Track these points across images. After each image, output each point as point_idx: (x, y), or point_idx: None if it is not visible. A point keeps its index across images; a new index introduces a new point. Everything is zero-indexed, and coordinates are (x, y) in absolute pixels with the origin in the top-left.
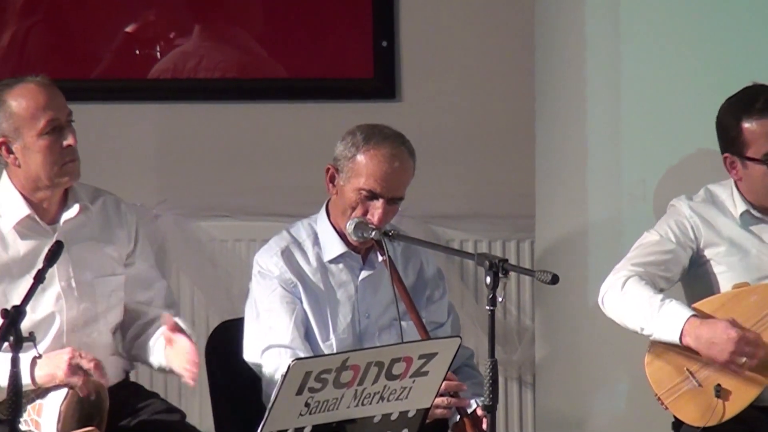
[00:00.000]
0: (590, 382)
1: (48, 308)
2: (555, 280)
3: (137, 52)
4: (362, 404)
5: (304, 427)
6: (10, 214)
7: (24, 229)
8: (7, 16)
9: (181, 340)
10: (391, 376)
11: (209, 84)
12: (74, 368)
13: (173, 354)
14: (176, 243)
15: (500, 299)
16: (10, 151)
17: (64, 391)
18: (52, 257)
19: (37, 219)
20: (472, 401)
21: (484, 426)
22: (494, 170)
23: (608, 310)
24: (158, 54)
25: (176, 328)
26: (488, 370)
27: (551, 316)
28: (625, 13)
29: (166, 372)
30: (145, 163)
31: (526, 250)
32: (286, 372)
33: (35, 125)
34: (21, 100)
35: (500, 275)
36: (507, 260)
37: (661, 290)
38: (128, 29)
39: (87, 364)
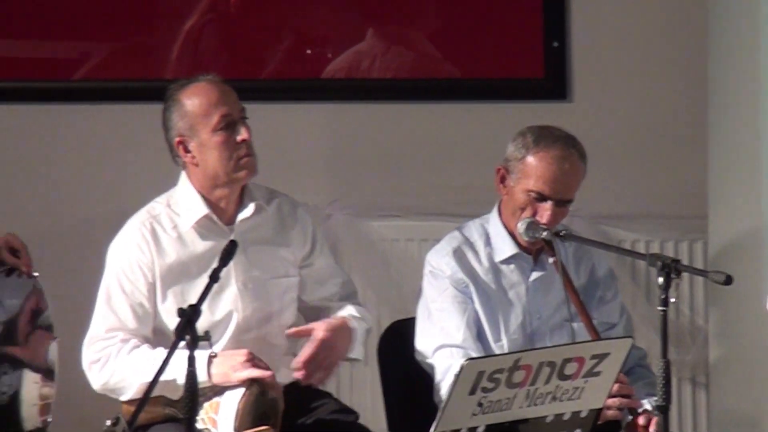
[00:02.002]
0: (766, 384)
1: (225, 308)
2: (729, 280)
3: (309, 51)
4: (535, 404)
5: (476, 427)
6: (189, 214)
7: (202, 228)
8: (183, 15)
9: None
10: (563, 377)
11: (381, 84)
12: (248, 368)
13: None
14: (348, 243)
15: (672, 300)
16: (187, 150)
17: (242, 389)
18: (226, 257)
19: (215, 219)
20: (645, 402)
21: (656, 427)
22: (666, 170)
23: None
24: (329, 54)
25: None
26: (661, 371)
27: (725, 316)
28: None
29: None
30: (317, 163)
31: (699, 250)
32: (459, 372)
33: (209, 122)
34: (194, 98)
35: (672, 276)
36: (679, 260)
37: None
38: (298, 30)
39: (258, 373)
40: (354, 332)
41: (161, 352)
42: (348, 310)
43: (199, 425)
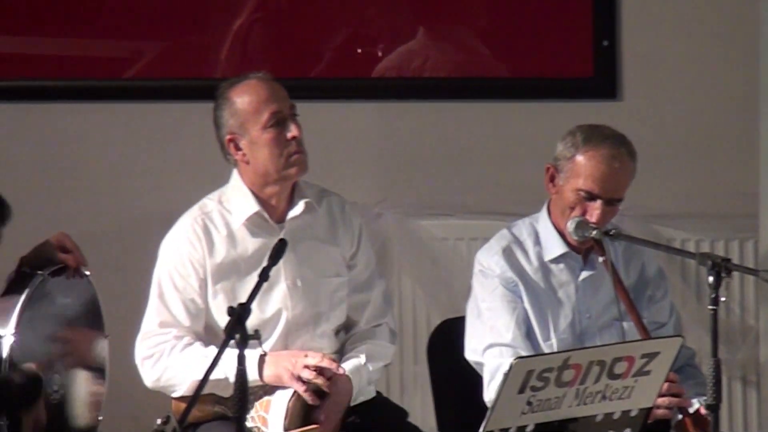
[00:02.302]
0: None
1: (275, 307)
2: None
3: (359, 50)
4: (584, 403)
5: (525, 426)
6: (240, 212)
7: (253, 226)
8: (233, 14)
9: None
10: (612, 376)
11: (432, 82)
12: (300, 375)
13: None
14: (397, 242)
15: (723, 299)
16: (238, 148)
17: (292, 389)
18: (276, 255)
19: (266, 216)
20: (695, 401)
21: (707, 426)
22: (716, 169)
23: None
24: (380, 52)
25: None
26: (711, 370)
27: None
28: None
29: None
30: (367, 161)
31: (749, 250)
32: (509, 370)
33: (259, 119)
34: (244, 96)
35: (723, 275)
36: (730, 260)
37: None
38: (348, 28)
39: (309, 375)
40: (352, 384)
41: (213, 351)
42: (359, 359)
43: (249, 423)
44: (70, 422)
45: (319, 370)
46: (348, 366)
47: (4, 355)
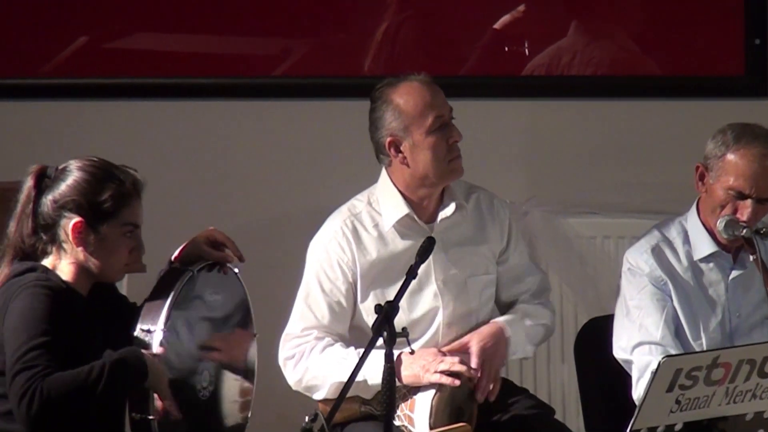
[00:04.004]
0: None
1: (425, 307)
2: None
3: (506, 49)
4: (734, 402)
5: (674, 424)
6: (390, 213)
7: (403, 228)
8: (382, 12)
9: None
10: (763, 374)
11: (581, 81)
12: (437, 368)
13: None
14: (545, 240)
15: None
16: (398, 151)
17: (434, 388)
18: (423, 253)
19: (416, 218)
20: None
21: None
22: None
23: None
24: (527, 51)
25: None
26: None
27: None
28: None
29: None
30: (515, 159)
31: None
32: (657, 368)
33: (423, 123)
34: (408, 98)
35: None
36: None
37: None
38: (496, 26)
39: (448, 380)
40: (506, 334)
41: (353, 353)
42: (513, 315)
43: (396, 422)
44: (221, 420)
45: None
46: (501, 318)
47: (155, 350)
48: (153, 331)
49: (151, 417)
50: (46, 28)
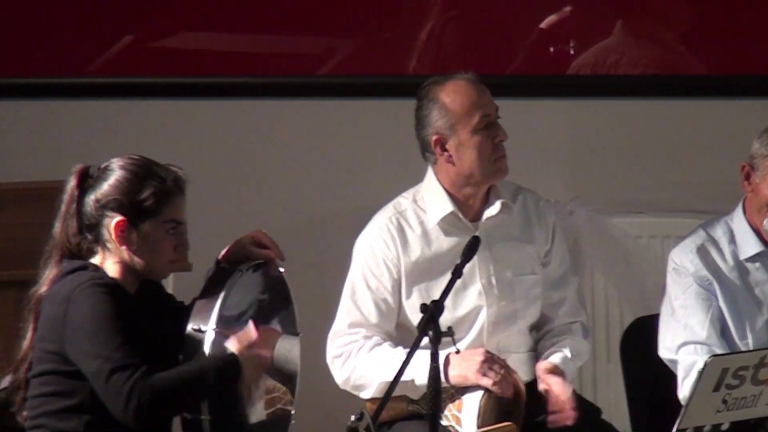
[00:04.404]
0: None
1: (470, 305)
2: None
3: (551, 48)
4: None
5: (721, 424)
6: (435, 211)
7: (447, 226)
8: (426, 10)
9: (554, 385)
10: None
11: (626, 80)
12: (485, 371)
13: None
14: (590, 239)
15: None
16: (444, 149)
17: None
18: (468, 252)
19: (461, 216)
20: None
21: None
22: None
23: None
24: (572, 50)
25: (552, 370)
26: None
27: None
28: None
29: None
30: (560, 159)
31: None
32: (703, 368)
33: (470, 122)
34: (455, 96)
35: None
36: None
37: None
38: (542, 25)
39: (498, 370)
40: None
41: (401, 352)
42: (564, 352)
43: (443, 422)
44: (244, 416)
45: (503, 362)
46: (556, 359)
47: (207, 350)
48: (204, 330)
49: (203, 417)
50: (91, 27)
